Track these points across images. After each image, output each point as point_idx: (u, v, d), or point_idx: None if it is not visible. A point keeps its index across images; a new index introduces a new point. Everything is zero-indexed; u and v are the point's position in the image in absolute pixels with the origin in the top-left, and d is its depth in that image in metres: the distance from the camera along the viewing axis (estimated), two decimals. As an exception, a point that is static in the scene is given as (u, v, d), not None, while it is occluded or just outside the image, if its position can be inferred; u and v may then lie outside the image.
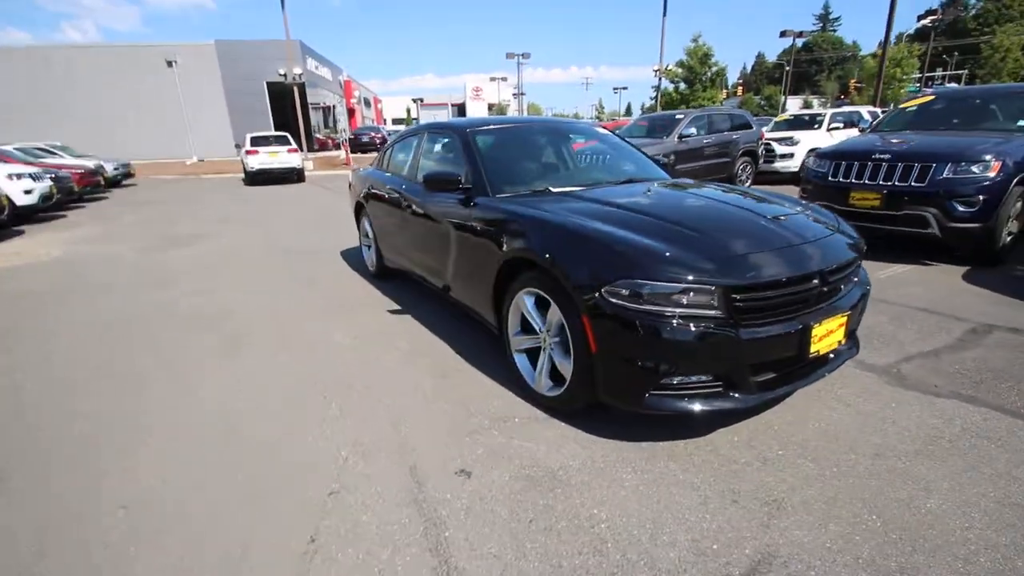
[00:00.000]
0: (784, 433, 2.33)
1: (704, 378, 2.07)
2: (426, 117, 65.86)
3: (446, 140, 3.73)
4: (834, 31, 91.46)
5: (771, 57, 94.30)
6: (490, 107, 66.95)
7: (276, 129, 24.04)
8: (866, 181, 5.02)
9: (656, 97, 24.61)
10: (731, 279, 2.00)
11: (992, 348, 3.10)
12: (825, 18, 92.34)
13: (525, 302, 2.55)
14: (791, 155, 11.59)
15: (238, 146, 19.21)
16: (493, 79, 57.45)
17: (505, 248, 2.61)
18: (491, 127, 3.57)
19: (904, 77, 25.67)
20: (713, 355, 2.01)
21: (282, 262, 5.90)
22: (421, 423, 2.50)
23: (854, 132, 11.92)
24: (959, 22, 52.90)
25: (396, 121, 67.12)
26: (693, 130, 9.69)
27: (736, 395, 2.09)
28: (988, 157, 4.49)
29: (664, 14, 22.96)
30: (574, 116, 71.19)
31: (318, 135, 31.33)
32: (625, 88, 63.94)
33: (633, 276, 2.01)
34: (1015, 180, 4.44)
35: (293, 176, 16.41)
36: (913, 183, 4.71)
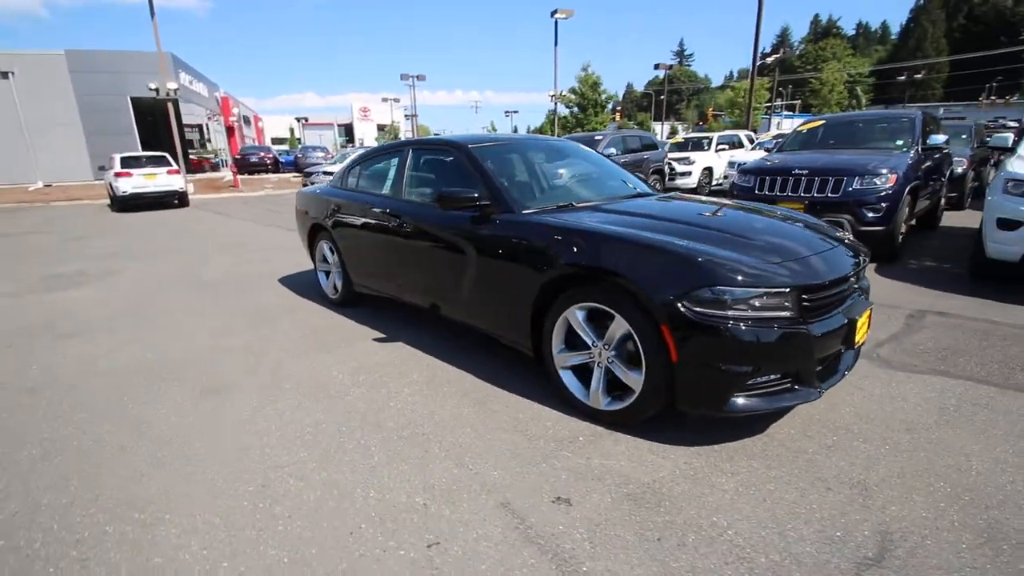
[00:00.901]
0: (827, 421, 2.52)
1: (774, 376, 2.18)
2: (311, 137, 62.66)
3: (442, 157, 3.59)
4: (689, 66, 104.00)
5: (639, 87, 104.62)
6: (381, 128, 65.67)
7: (143, 149, 21.38)
8: (789, 193, 5.70)
9: (554, 120, 26.15)
10: (800, 280, 2.15)
11: (934, 329, 3.65)
12: (681, 54, 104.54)
13: (577, 317, 2.51)
14: (689, 173, 12.81)
15: (103, 168, 16.73)
16: (385, 99, 56.51)
17: (552, 264, 2.56)
18: (491, 143, 3.50)
19: (757, 106, 30.10)
20: (791, 353, 2.13)
21: (215, 297, 5.20)
22: (486, 456, 2.33)
23: (737, 153, 13.55)
24: (787, 60, 62.91)
25: (277, 140, 63.03)
26: (613, 150, 10.34)
27: (803, 389, 2.23)
28: (885, 171, 5.33)
29: (556, 44, 24.43)
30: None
31: (192, 156, 28.34)
32: (516, 112, 66.47)
33: (715, 284, 2.08)
34: (906, 190, 5.32)
35: (174, 200, 14.70)
36: (829, 194, 5.44)
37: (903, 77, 50.30)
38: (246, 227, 10.46)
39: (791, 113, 45.90)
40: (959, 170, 8.48)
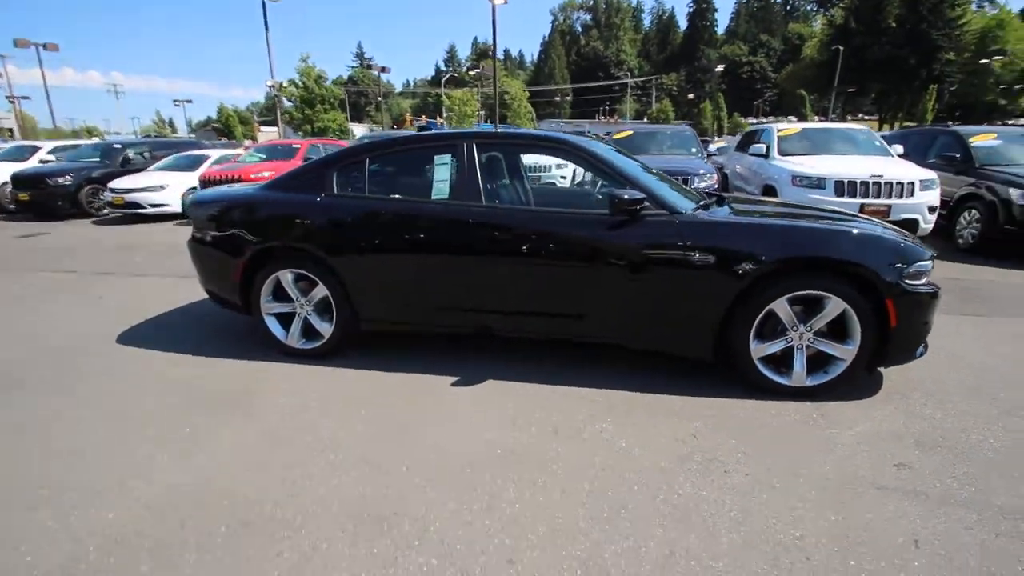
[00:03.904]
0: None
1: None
2: None
3: (542, 154, 3.07)
4: (370, 67, 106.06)
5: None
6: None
7: None
8: (650, 190, 6.91)
9: (277, 115, 22.64)
10: (934, 251, 2.90)
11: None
12: (361, 57, 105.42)
13: (785, 306, 2.70)
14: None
15: None
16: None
17: (765, 260, 2.64)
18: (584, 140, 3.21)
19: (472, 114, 33.97)
20: (936, 307, 2.85)
21: (70, 387, 3.02)
22: (794, 463, 2.32)
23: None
24: (462, 76, 71.94)
25: None
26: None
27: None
28: (704, 171, 7.05)
29: (267, 29, 21.34)
30: (103, 133, 55.74)
31: None
32: (189, 101, 55.47)
33: (918, 260, 2.65)
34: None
35: None
36: (680, 190, 6.85)
37: (558, 98, 64.36)
38: None
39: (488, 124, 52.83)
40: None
